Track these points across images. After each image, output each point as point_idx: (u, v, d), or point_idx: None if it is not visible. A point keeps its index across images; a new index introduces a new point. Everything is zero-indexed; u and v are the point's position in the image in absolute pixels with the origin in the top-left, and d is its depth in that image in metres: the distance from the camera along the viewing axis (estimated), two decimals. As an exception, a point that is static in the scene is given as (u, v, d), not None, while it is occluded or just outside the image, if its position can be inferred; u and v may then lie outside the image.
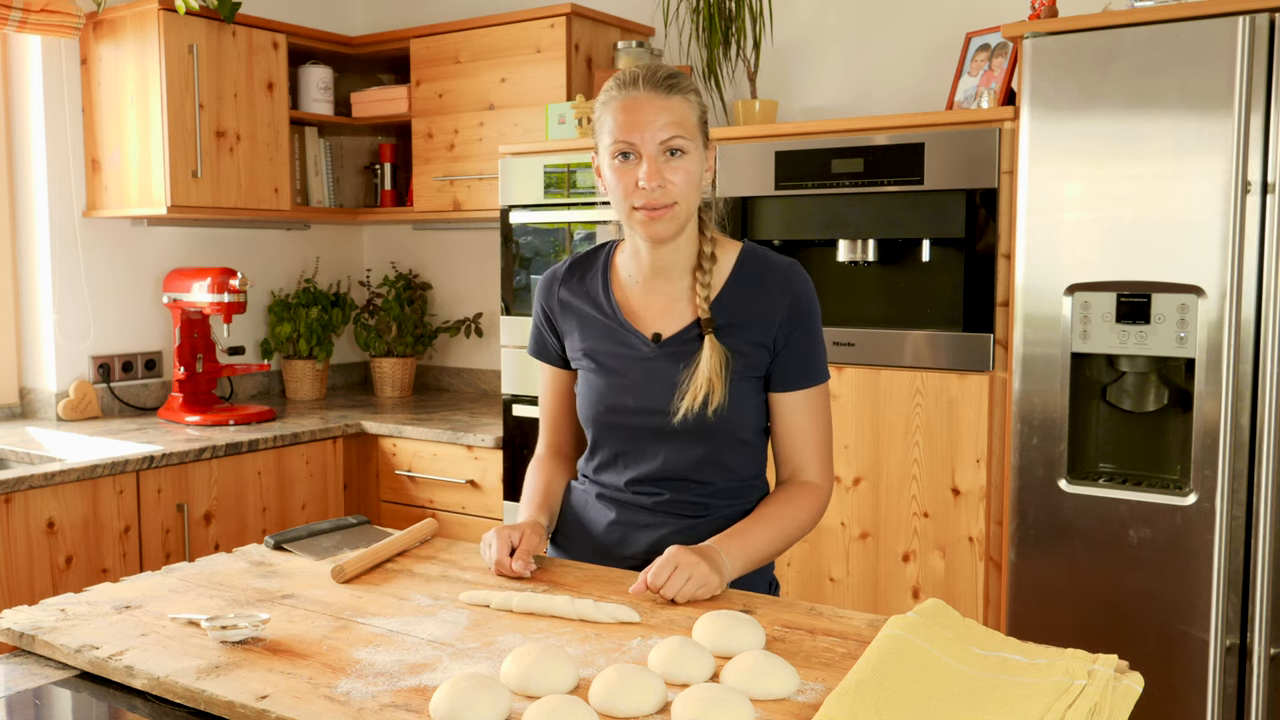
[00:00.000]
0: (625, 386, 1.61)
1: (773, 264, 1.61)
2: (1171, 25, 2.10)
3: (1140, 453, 2.31)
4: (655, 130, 1.49)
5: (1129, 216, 2.17)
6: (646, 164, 1.49)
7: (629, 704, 1.08)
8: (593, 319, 1.65)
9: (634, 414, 1.60)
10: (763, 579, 1.64)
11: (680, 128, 1.50)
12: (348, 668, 1.20)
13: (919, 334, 2.49)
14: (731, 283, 1.60)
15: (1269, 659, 2.09)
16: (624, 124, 1.50)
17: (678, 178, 1.50)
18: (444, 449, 3.19)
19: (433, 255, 4.05)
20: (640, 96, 1.50)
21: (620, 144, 1.50)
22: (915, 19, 3.04)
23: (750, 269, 1.60)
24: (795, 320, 1.58)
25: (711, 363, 1.54)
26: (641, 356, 1.60)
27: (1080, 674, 1.13)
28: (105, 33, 3.22)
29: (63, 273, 3.29)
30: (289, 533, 1.71)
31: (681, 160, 1.51)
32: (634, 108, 1.50)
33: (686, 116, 1.51)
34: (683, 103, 1.51)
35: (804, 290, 1.59)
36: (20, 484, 2.49)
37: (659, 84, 1.50)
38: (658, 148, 1.49)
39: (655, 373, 1.59)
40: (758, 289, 1.59)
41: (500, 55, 3.32)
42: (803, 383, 1.60)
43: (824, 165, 2.55)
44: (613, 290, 1.65)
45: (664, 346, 1.59)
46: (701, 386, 1.54)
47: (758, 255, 1.63)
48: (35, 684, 1.22)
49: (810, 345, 1.60)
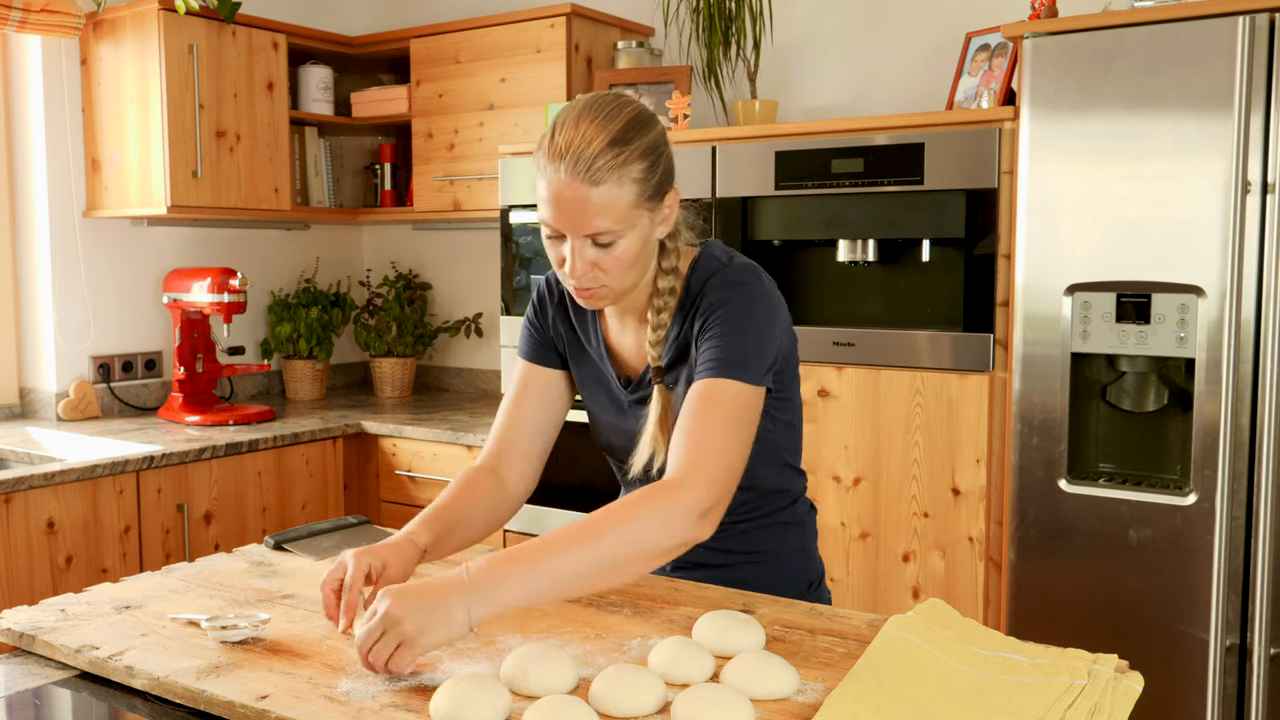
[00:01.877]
0: (610, 427, 1.57)
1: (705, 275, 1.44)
2: (1171, 25, 2.10)
3: (1140, 453, 2.31)
4: (579, 224, 1.33)
5: (1129, 216, 2.17)
6: (571, 254, 1.36)
7: (629, 704, 1.08)
8: (581, 348, 1.58)
9: (619, 451, 1.56)
10: (803, 579, 1.57)
11: (609, 219, 1.33)
12: (348, 668, 1.20)
13: (919, 334, 2.49)
14: (680, 307, 1.46)
15: (1269, 659, 2.09)
16: (550, 208, 1.35)
17: (607, 263, 1.36)
18: (444, 449, 3.19)
19: (433, 255, 4.05)
20: (564, 185, 1.32)
21: (547, 226, 1.37)
22: (915, 19, 3.04)
23: (694, 288, 1.45)
24: (706, 324, 1.40)
25: (655, 421, 1.44)
26: (616, 400, 1.54)
27: (1080, 674, 1.13)
28: (105, 33, 3.22)
29: (63, 273, 3.29)
30: (289, 533, 1.71)
31: (612, 248, 1.35)
32: (559, 195, 1.33)
33: (617, 202, 1.33)
34: (614, 189, 1.32)
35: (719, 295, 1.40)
36: (20, 484, 2.49)
37: (586, 172, 1.31)
38: (583, 240, 1.35)
39: (632, 418, 1.52)
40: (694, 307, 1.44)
41: (500, 55, 3.32)
42: (702, 373, 1.37)
43: (824, 165, 2.55)
44: (600, 320, 1.56)
45: (634, 390, 1.52)
46: (646, 445, 1.46)
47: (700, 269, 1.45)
48: (35, 684, 1.22)
49: (718, 340, 1.37)
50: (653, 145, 1.36)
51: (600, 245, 1.35)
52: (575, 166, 1.31)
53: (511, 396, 1.60)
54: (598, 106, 1.36)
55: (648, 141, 1.36)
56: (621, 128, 1.34)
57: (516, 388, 1.60)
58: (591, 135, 1.32)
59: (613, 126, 1.33)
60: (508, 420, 1.58)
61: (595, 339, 1.56)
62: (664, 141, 1.39)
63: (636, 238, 1.37)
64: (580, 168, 1.31)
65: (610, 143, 1.32)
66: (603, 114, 1.34)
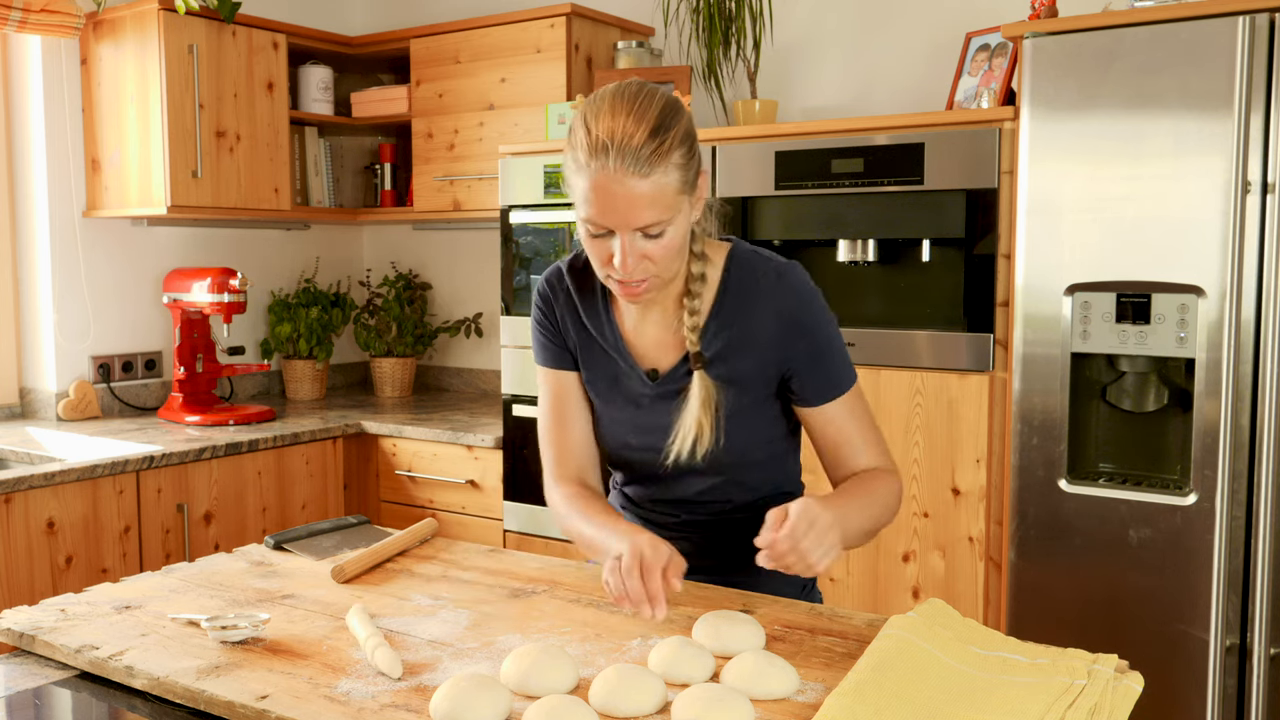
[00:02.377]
0: (626, 425, 1.53)
1: (757, 274, 1.45)
2: (1171, 25, 2.10)
3: (1140, 453, 2.31)
4: (630, 218, 1.30)
5: (1129, 216, 2.17)
6: (621, 249, 1.33)
7: (629, 704, 1.08)
8: (594, 344, 1.53)
9: (636, 451, 1.53)
10: (797, 581, 1.57)
11: (660, 209, 1.31)
12: (348, 668, 1.20)
13: (919, 334, 2.48)
14: (719, 302, 1.46)
15: (1269, 659, 2.09)
16: (595, 204, 1.31)
17: (656, 254, 1.34)
18: (444, 449, 3.19)
19: (433, 255, 4.05)
20: (612, 177, 1.29)
21: (592, 224, 1.34)
22: (915, 19, 3.04)
23: (736, 283, 1.46)
24: (794, 339, 1.44)
25: (701, 404, 1.43)
26: (639, 395, 1.50)
27: (1080, 674, 1.13)
28: (105, 33, 3.22)
29: (63, 273, 3.29)
30: (289, 533, 1.71)
31: (661, 238, 1.33)
32: (606, 190, 1.29)
33: (665, 191, 1.31)
34: (661, 179, 1.30)
35: (791, 303, 1.44)
36: (20, 484, 2.49)
37: (634, 165, 1.28)
38: (633, 233, 1.32)
39: (655, 412, 1.49)
40: (744, 307, 1.45)
41: (500, 55, 3.32)
42: (829, 394, 1.46)
43: (824, 165, 2.55)
44: (614, 314, 1.52)
45: (661, 384, 1.49)
46: (690, 429, 1.43)
47: (743, 264, 1.47)
48: (35, 684, 1.22)
49: (822, 356, 1.45)
50: (688, 130, 1.36)
51: (650, 237, 1.33)
52: (622, 160, 1.29)
53: (552, 409, 1.56)
54: (629, 97, 1.33)
55: (683, 128, 1.35)
56: (658, 115, 1.32)
57: (552, 399, 1.56)
58: (631, 127, 1.29)
59: (650, 115, 1.31)
60: (562, 435, 1.56)
61: (611, 334, 1.52)
62: (693, 126, 1.39)
63: (682, 224, 1.36)
64: (628, 161, 1.29)
65: (652, 132, 1.30)
66: (636, 104, 1.32)
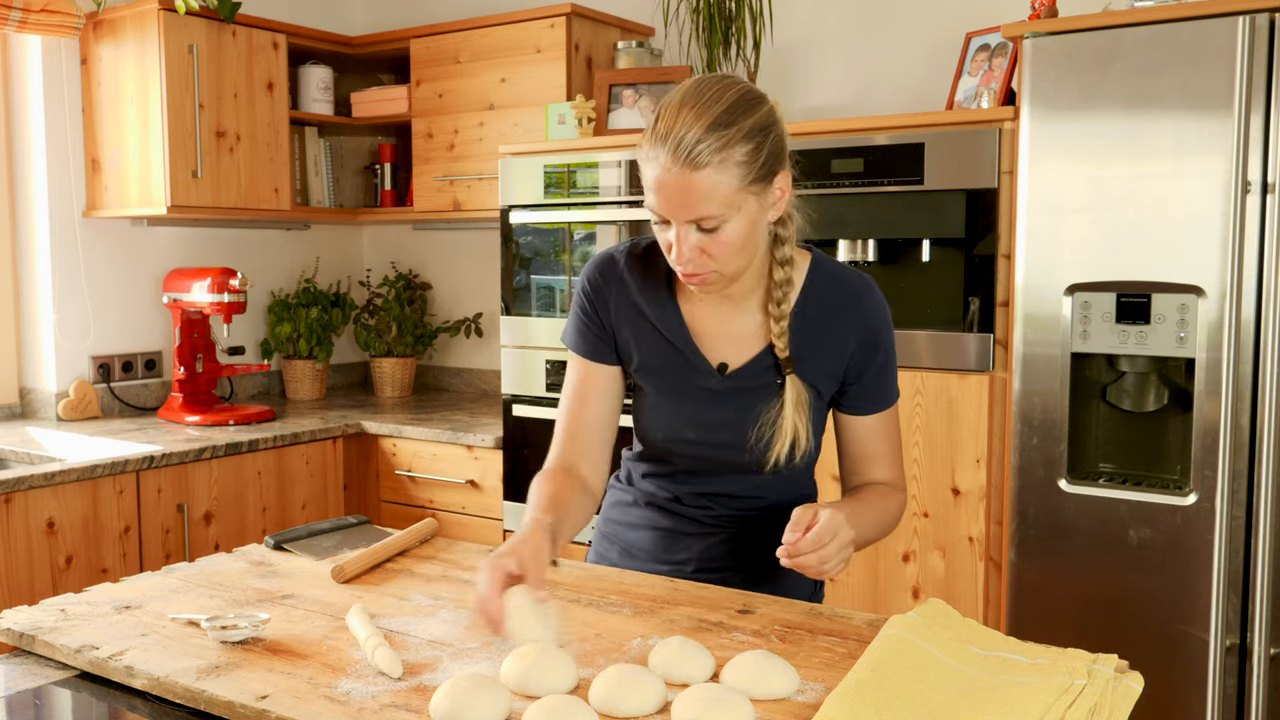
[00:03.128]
0: (686, 418, 1.50)
1: (843, 286, 1.47)
2: (1171, 25, 2.10)
3: (1140, 453, 2.31)
4: (683, 210, 1.32)
5: (1129, 216, 2.17)
6: (677, 240, 1.34)
7: (629, 704, 1.08)
8: (653, 333, 1.50)
9: (694, 445, 1.51)
10: (808, 582, 1.58)
11: (713, 203, 1.31)
12: (348, 668, 1.20)
13: (919, 334, 2.48)
14: (800, 308, 1.46)
15: (1269, 659, 2.09)
16: (654, 193, 1.33)
17: (714, 248, 1.34)
18: (444, 449, 3.19)
19: (433, 255, 4.05)
20: (666, 170, 1.30)
21: (652, 211, 1.35)
22: (915, 19, 3.04)
23: (819, 292, 1.47)
24: (869, 354, 1.47)
25: (795, 407, 1.44)
26: (705, 388, 1.48)
27: (1080, 674, 1.13)
28: (105, 33, 3.22)
29: (63, 273, 3.29)
30: (289, 533, 1.71)
31: (718, 232, 1.33)
32: (661, 183, 1.32)
33: (719, 187, 1.30)
34: (715, 174, 1.29)
35: (876, 321, 1.47)
36: (20, 484, 2.49)
37: (687, 157, 1.29)
38: (687, 226, 1.33)
39: (720, 407, 1.47)
40: (827, 317, 1.46)
41: (500, 55, 3.32)
42: (877, 407, 1.51)
43: (824, 165, 2.55)
44: (679, 302, 1.49)
45: (731, 379, 1.47)
46: (787, 434, 1.44)
47: (827, 273, 1.48)
48: (35, 684, 1.22)
49: (885, 371, 1.50)
50: (759, 126, 1.33)
51: (705, 230, 1.33)
52: (676, 152, 1.29)
53: (574, 395, 1.55)
54: (702, 89, 1.33)
55: (753, 123, 1.33)
56: (724, 110, 1.31)
57: (577, 385, 1.55)
58: (693, 120, 1.30)
59: (715, 110, 1.31)
60: (576, 420, 1.54)
61: (676, 324, 1.49)
62: (773, 122, 1.36)
63: (743, 221, 1.34)
64: (681, 153, 1.29)
65: (711, 126, 1.30)
66: (706, 97, 1.32)
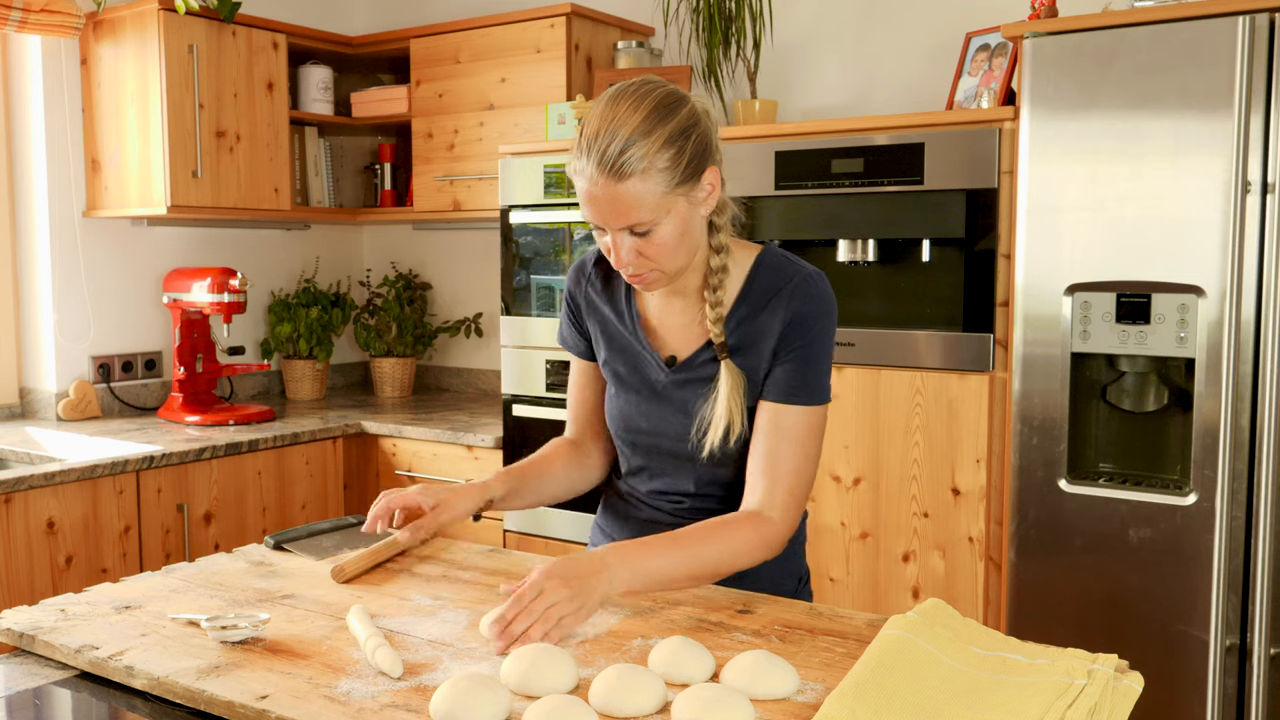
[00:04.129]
0: (641, 409, 1.56)
1: (784, 276, 1.49)
2: (1171, 25, 2.10)
3: (1140, 453, 2.31)
4: (613, 218, 1.37)
5: (1129, 216, 2.17)
6: (614, 246, 1.40)
7: (629, 704, 1.08)
8: (615, 329, 1.59)
9: (649, 436, 1.56)
10: (790, 575, 1.59)
11: (643, 210, 1.35)
12: (348, 668, 1.20)
13: (919, 334, 2.48)
14: (741, 297, 1.49)
15: (1269, 659, 2.09)
16: (584, 204, 1.39)
17: (650, 250, 1.39)
18: (444, 449, 3.19)
19: (433, 255, 4.05)
20: (592, 181, 1.35)
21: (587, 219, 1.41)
22: (915, 19, 3.04)
23: (761, 282, 1.49)
24: (789, 339, 1.46)
25: (730, 393, 1.46)
26: (656, 380, 1.54)
27: (1080, 674, 1.13)
28: (105, 33, 3.22)
29: (63, 273, 3.29)
30: (289, 533, 1.71)
31: (651, 235, 1.38)
32: (589, 195, 1.37)
33: (645, 196, 1.34)
34: (639, 182, 1.34)
35: (808, 309, 1.46)
36: (20, 484, 2.49)
37: (611, 169, 1.33)
38: (621, 232, 1.38)
39: (669, 398, 1.53)
40: (764, 304, 1.48)
41: (500, 55, 3.32)
42: (783, 396, 1.46)
43: (824, 165, 2.55)
44: (635, 300, 1.57)
45: (678, 371, 1.52)
46: (721, 418, 1.46)
47: (772, 265, 1.50)
48: (35, 684, 1.22)
49: (802, 364, 1.46)
50: (680, 129, 1.36)
51: (638, 234, 1.38)
52: (600, 164, 1.34)
53: (576, 384, 1.69)
54: (620, 100, 1.37)
55: (673, 127, 1.36)
56: (643, 120, 1.35)
57: (577, 376, 1.69)
58: (613, 132, 1.34)
59: (634, 120, 1.34)
60: (579, 402, 1.69)
61: (631, 321, 1.56)
62: (694, 122, 1.38)
63: (674, 222, 1.39)
64: (605, 165, 1.34)
65: (632, 136, 1.33)
66: (624, 107, 1.36)
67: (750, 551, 1.42)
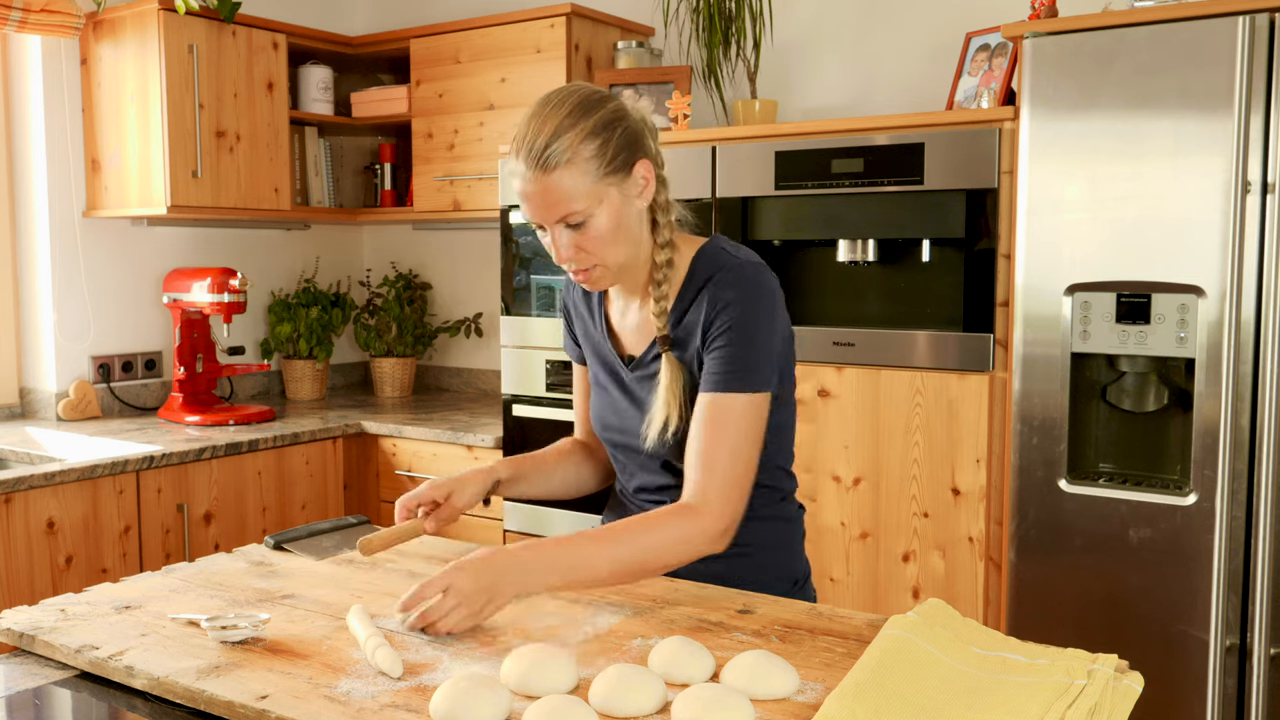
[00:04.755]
0: (610, 407, 1.61)
1: (715, 266, 1.48)
2: (1171, 25, 2.10)
3: (1140, 453, 2.31)
4: (547, 212, 1.41)
5: (1129, 216, 2.17)
6: (554, 242, 1.44)
7: (629, 704, 1.08)
8: (589, 333, 1.65)
9: (620, 434, 1.60)
10: (789, 575, 1.58)
11: (571, 201, 1.39)
12: (348, 668, 1.20)
13: (919, 334, 2.49)
14: (683, 290, 1.50)
15: (1269, 659, 2.09)
16: (521, 202, 1.44)
17: (588, 243, 1.43)
18: (444, 449, 3.19)
19: (433, 255, 4.05)
20: (525, 178, 1.41)
21: (528, 220, 1.46)
22: (915, 19, 3.04)
23: (700, 273, 1.49)
24: (716, 324, 1.44)
25: (669, 386, 1.47)
26: (620, 379, 1.59)
27: (1080, 674, 1.13)
28: (105, 33, 3.22)
29: (63, 273, 3.29)
30: (289, 533, 1.71)
31: (586, 228, 1.42)
32: (523, 192, 1.42)
33: (575, 186, 1.39)
34: (565, 173, 1.38)
35: (731, 294, 1.44)
36: (20, 484, 2.49)
37: (538, 163, 1.38)
38: (557, 226, 1.42)
39: (629, 395, 1.57)
40: (695, 296, 1.48)
41: (500, 55, 3.32)
42: (712, 385, 1.43)
43: (824, 165, 2.55)
44: (603, 303, 1.63)
45: (634, 369, 1.56)
46: (659, 412, 1.48)
47: (708, 257, 1.50)
48: (35, 684, 1.22)
49: (729, 348, 1.43)
50: (603, 122, 1.41)
51: (573, 226, 1.42)
52: (529, 160, 1.40)
53: (578, 388, 1.75)
54: (546, 100, 1.44)
55: (596, 120, 1.41)
56: (566, 114, 1.40)
57: (579, 381, 1.74)
58: (539, 128, 1.40)
59: (558, 115, 1.40)
60: (577, 405, 1.75)
61: (599, 323, 1.62)
62: (618, 117, 1.43)
63: (608, 213, 1.43)
64: (533, 159, 1.39)
65: (556, 130, 1.39)
66: (549, 106, 1.42)
67: (678, 545, 1.39)
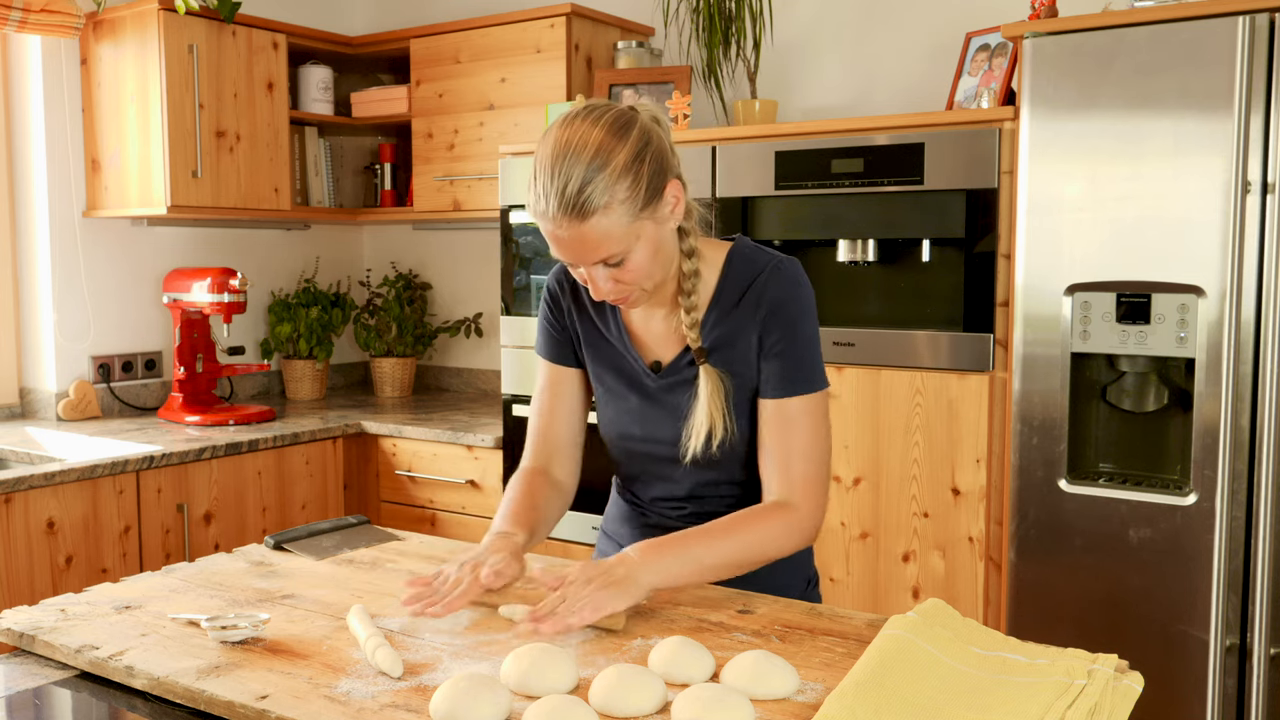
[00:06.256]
0: (631, 416, 1.56)
1: (754, 268, 1.48)
2: (1171, 25, 2.10)
3: (1140, 453, 2.31)
4: (584, 256, 1.36)
5: (1129, 216, 2.17)
6: (590, 279, 1.40)
7: (629, 704, 1.08)
8: (600, 337, 1.58)
9: (642, 442, 1.56)
10: (800, 576, 1.59)
11: (611, 243, 1.34)
12: (348, 668, 1.20)
13: (919, 334, 2.49)
14: (716, 296, 1.49)
15: (1269, 659, 2.09)
16: (551, 245, 1.37)
17: (627, 277, 1.39)
18: (444, 449, 3.19)
19: (433, 255, 4.05)
20: (556, 223, 1.33)
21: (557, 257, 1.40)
22: (915, 19, 3.04)
23: (734, 278, 1.48)
24: (772, 327, 1.45)
25: (710, 396, 1.46)
26: (643, 386, 1.54)
27: (1080, 674, 1.13)
28: (105, 33, 3.22)
29: (63, 273, 3.29)
30: (289, 533, 1.71)
31: (625, 264, 1.38)
32: (555, 237, 1.35)
33: (611, 229, 1.33)
34: (602, 218, 1.32)
35: (782, 294, 1.45)
36: (20, 484, 2.49)
37: (572, 210, 1.31)
38: (594, 266, 1.38)
39: (658, 403, 1.53)
40: (739, 298, 1.48)
41: (500, 55, 3.32)
42: (779, 390, 1.45)
43: (824, 165, 2.55)
44: (620, 309, 1.56)
45: (664, 376, 1.52)
46: (703, 423, 1.46)
47: (742, 259, 1.50)
48: (35, 684, 1.22)
49: (790, 351, 1.45)
50: (634, 155, 1.34)
51: (611, 265, 1.38)
52: (560, 207, 1.32)
53: (543, 398, 1.63)
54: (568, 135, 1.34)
55: (626, 155, 1.33)
56: (594, 152, 1.32)
57: (546, 388, 1.63)
58: (568, 170, 1.31)
59: (586, 155, 1.32)
60: (546, 422, 1.62)
61: (616, 328, 1.56)
62: (645, 144, 1.36)
63: (645, 246, 1.38)
64: (565, 206, 1.31)
65: (586, 173, 1.31)
66: (575, 143, 1.33)
67: (779, 539, 1.43)
